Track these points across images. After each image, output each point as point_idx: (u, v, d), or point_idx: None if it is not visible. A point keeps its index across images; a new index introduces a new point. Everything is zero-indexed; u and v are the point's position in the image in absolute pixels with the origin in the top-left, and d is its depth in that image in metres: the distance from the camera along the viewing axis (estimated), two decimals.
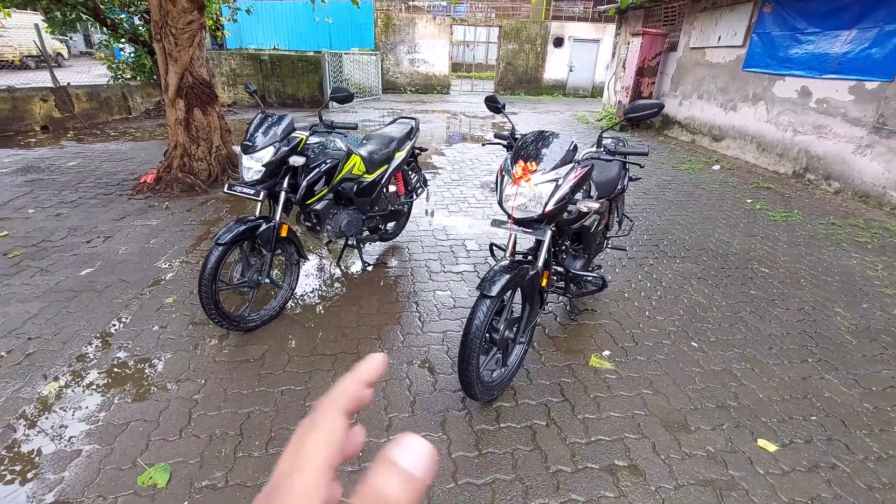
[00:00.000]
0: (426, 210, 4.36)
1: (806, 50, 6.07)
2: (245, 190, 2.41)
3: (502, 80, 16.91)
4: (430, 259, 3.62)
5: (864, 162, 5.35)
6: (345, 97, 2.60)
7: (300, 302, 2.96)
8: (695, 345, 2.66)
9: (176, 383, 2.22)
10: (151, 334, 2.59)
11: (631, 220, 3.31)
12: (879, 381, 2.42)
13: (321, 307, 2.91)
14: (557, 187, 1.83)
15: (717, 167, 6.81)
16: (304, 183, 2.54)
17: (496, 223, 2.01)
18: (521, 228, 1.95)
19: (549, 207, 1.83)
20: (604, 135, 2.80)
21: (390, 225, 3.82)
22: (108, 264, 3.35)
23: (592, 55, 16.79)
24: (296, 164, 2.42)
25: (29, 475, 1.74)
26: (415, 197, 3.81)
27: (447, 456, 1.87)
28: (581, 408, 2.16)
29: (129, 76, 9.80)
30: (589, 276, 2.35)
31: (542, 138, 1.93)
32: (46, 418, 2.00)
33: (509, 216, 1.91)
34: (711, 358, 2.55)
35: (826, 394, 2.31)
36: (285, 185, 2.51)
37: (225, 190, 2.48)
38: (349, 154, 2.83)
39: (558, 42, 16.58)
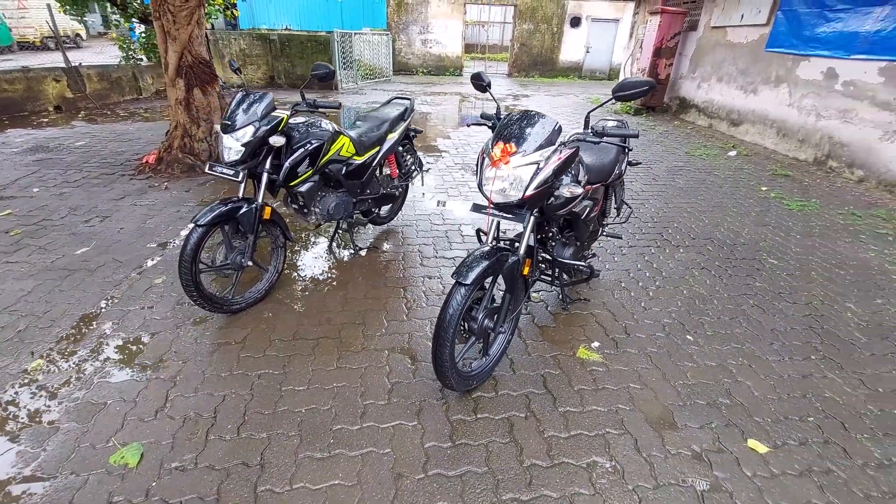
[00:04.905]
0: (438, 201, 4.18)
1: (834, 28, 5.71)
2: (224, 171, 2.35)
3: (516, 61, 16.49)
4: (424, 244, 3.55)
5: (893, 149, 5.05)
6: (324, 74, 2.51)
7: (287, 285, 2.93)
8: (690, 338, 2.55)
9: (156, 364, 2.22)
10: (138, 314, 2.59)
11: (630, 207, 3.17)
12: (888, 381, 2.29)
13: (308, 291, 2.87)
14: (538, 171, 1.72)
15: (733, 153, 6.53)
16: (287, 164, 2.48)
17: (476, 208, 1.91)
18: (500, 214, 1.85)
19: (530, 192, 1.73)
20: (605, 117, 2.67)
21: (384, 209, 3.75)
22: (104, 244, 3.37)
23: (611, 36, 16.23)
24: (276, 145, 2.36)
25: (9, 449, 1.76)
26: (410, 180, 3.73)
27: (419, 446, 1.82)
28: (563, 401, 2.08)
29: (140, 56, 9.81)
30: (576, 264, 2.24)
31: (526, 119, 1.82)
32: (29, 394, 2.01)
33: (489, 201, 1.81)
34: (706, 352, 2.44)
35: (827, 394, 2.19)
36: (267, 165, 2.45)
37: (206, 170, 2.43)
38: (336, 135, 2.75)
39: (575, 22, 16.05)
